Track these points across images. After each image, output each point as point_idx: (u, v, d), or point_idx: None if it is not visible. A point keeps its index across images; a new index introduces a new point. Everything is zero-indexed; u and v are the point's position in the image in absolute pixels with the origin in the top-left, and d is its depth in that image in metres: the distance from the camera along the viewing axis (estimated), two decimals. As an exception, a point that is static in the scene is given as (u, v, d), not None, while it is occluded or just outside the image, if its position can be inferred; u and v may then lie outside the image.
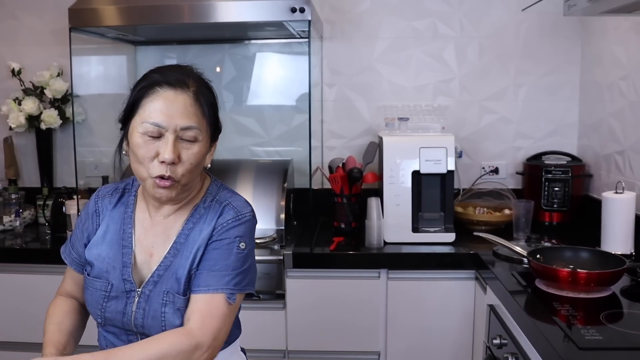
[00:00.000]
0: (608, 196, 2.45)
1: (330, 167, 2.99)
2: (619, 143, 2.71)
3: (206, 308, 1.37)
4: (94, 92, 3.25)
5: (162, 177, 1.35)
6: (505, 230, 2.81)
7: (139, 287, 1.43)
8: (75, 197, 2.71)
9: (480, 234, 2.55)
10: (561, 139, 3.19)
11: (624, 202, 2.41)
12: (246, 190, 2.75)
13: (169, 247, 1.45)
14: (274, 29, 2.87)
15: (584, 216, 2.94)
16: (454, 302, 2.54)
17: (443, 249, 2.60)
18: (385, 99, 3.20)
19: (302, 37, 3.02)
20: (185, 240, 1.44)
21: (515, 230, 2.71)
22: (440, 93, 3.19)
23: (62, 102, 3.12)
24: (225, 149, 3.27)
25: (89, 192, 3.05)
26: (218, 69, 3.23)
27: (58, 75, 3.11)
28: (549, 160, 3.04)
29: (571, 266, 2.04)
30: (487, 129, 3.20)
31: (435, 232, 2.68)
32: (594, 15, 2.50)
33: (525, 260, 2.18)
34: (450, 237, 2.67)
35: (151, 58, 3.26)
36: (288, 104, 3.23)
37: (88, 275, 1.46)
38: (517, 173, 3.17)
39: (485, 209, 2.99)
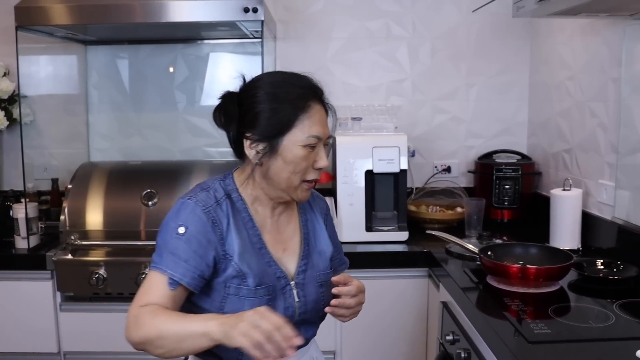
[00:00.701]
0: (556, 193, 2.50)
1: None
2: (567, 141, 2.77)
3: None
4: (42, 93, 3.18)
5: (313, 181, 1.49)
6: (458, 228, 2.84)
7: (292, 279, 1.51)
8: (23, 200, 2.65)
9: (433, 232, 2.58)
10: (511, 138, 3.25)
11: (571, 199, 2.47)
12: (200, 191, 2.73)
13: (300, 238, 1.57)
14: (227, 29, 2.86)
15: (534, 213, 3.00)
16: (407, 300, 2.56)
17: (396, 248, 2.62)
18: (339, 99, 3.19)
19: (255, 37, 3.01)
20: (308, 228, 1.60)
21: (468, 228, 2.75)
22: (393, 93, 3.21)
23: (8, 103, 3.04)
24: (179, 150, 3.24)
25: (37, 195, 2.99)
26: (171, 69, 3.20)
27: (4, 75, 3.03)
28: (499, 159, 3.09)
29: (521, 262, 2.08)
30: (439, 128, 3.24)
31: (388, 230, 2.70)
32: (542, 17, 2.56)
33: (477, 257, 2.21)
34: (404, 235, 2.69)
35: (102, 58, 3.21)
36: (242, 104, 3.21)
37: (247, 286, 1.43)
38: (469, 171, 3.21)
39: (437, 207, 3.02)
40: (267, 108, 1.42)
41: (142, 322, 1.31)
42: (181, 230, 1.38)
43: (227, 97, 1.49)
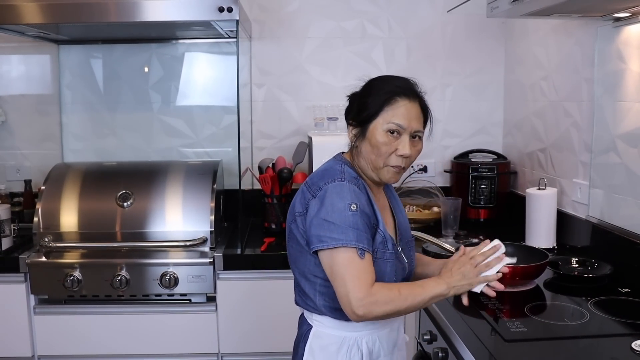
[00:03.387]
0: (531, 192, 2.52)
1: (260, 168, 2.98)
2: (541, 141, 2.79)
3: None
4: (14, 93, 3.14)
5: (397, 167, 1.64)
6: (434, 227, 2.86)
7: (397, 245, 1.72)
8: (-5, 201, 2.62)
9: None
10: (487, 138, 3.27)
11: (546, 197, 2.49)
12: (175, 192, 2.71)
13: (391, 213, 1.80)
14: (202, 29, 2.84)
15: (510, 212, 3.02)
16: (385, 300, 2.56)
17: (374, 247, 2.62)
18: (315, 99, 3.20)
19: (230, 37, 2.99)
20: (393, 204, 1.82)
21: (444, 227, 2.76)
22: (370, 93, 3.21)
23: (-20, 103, 3.01)
24: (154, 150, 3.21)
25: (10, 197, 2.95)
26: (146, 69, 3.17)
27: (-25, 75, 3.00)
28: (475, 158, 3.11)
29: (497, 261, 2.09)
30: (416, 128, 3.24)
31: (366, 230, 2.70)
32: (516, 18, 2.58)
33: (454, 256, 2.22)
34: (381, 235, 2.69)
35: (75, 57, 3.17)
36: (217, 105, 3.20)
37: (388, 250, 1.65)
38: (445, 171, 3.22)
39: (414, 207, 3.03)
40: (366, 99, 1.64)
41: (388, 299, 1.53)
42: (354, 207, 1.57)
43: (352, 95, 1.73)
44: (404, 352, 1.85)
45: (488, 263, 1.62)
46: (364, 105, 1.64)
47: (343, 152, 1.76)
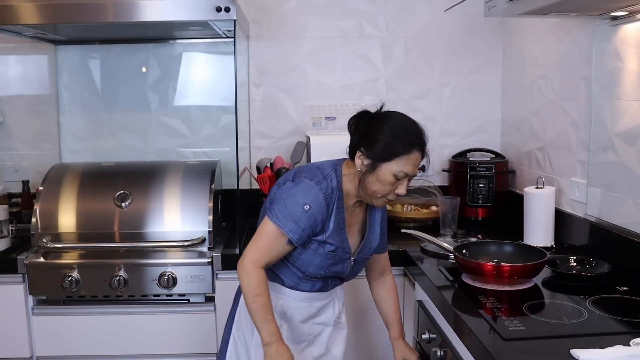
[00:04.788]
0: (529, 191, 2.52)
1: (258, 168, 2.98)
2: (539, 140, 2.80)
3: (387, 257, 2.21)
4: (12, 93, 3.14)
5: (391, 201, 1.91)
6: (433, 226, 2.86)
7: (353, 256, 2.00)
8: (-7, 202, 2.61)
9: (408, 231, 2.59)
10: (485, 137, 3.27)
11: (544, 196, 2.49)
12: (173, 192, 2.71)
13: (364, 228, 2.04)
14: (200, 29, 2.83)
15: (508, 211, 3.02)
16: (383, 299, 2.56)
17: (372, 247, 2.62)
18: (313, 99, 3.20)
19: (228, 37, 2.99)
20: (369, 222, 2.04)
21: (442, 226, 2.76)
22: (367, 92, 3.22)
23: (-23, 104, 3.00)
24: (152, 150, 3.21)
25: (8, 198, 2.94)
26: (144, 69, 3.17)
27: (-27, 75, 2.99)
28: (473, 157, 3.11)
29: (495, 260, 2.10)
30: (414, 127, 3.24)
31: (364, 230, 2.70)
32: (513, 17, 2.58)
33: (452, 255, 2.22)
34: (379, 234, 2.69)
35: (73, 58, 3.17)
36: (215, 105, 3.20)
37: (323, 250, 1.91)
38: (443, 170, 3.23)
39: (412, 206, 3.03)
40: (385, 140, 1.81)
41: (248, 286, 1.85)
42: (307, 207, 1.83)
43: (364, 114, 1.88)
44: (329, 330, 2.13)
45: None
46: (381, 146, 1.81)
47: (346, 159, 1.94)
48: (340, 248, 1.93)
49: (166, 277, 2.48)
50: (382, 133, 1.81)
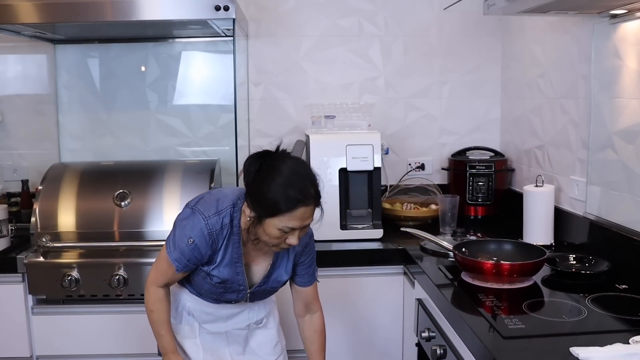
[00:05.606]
0: (529, 189, 2.53)
1: (258, 166, 2.97)
2: (539, 138, 2.80)
3: (315, 292, 2.08)
4: (11, 93, 3.13)
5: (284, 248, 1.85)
6: (432, 225, 2.86)
7: (250, 289, 1.95)
8: (-8, 201, 2.61)
9: (408, 230, 2.59)
10: (484, 135, 3.27)
11: (544, 195, 2.49)
12: (173, 191, 2.71)
13: (268, 263, 1.95)
14: (199, 27, 2.84)
15: (507, 209, 3.03)
16: (383, 298, 2.56)
17: (371, 245, 2.62)
18: (312, 97, 3.20)
19: (227, 36, 2.99)
20: (278, 256, 1.96)
21: (442, 224, 2.76)
22: (366, 91, 3.22)
23: (-24, 104, 3.00)
24: (151, 149, 3.21)
25: (7, 197, 2.94)
26: (143, 69, 3.17)
27: (-28, 75, 2.99)
28: (473, 156, 3.11)
29: (495, 258, 2.09)
30: (413, 126, 3.25)
31: (363, 228, 2.70)
32: (512, 15, 2.58)
33: (452, 254, 2.23)
34: (378, 233, 2.69)
35: (72, 57, 3.16)
36: (214, 103, 3.20)
37: (210, 281, 1.90)
38: (443, 169, 3.23)
39: (412, 204, 3.03)
40: (267, 196, 1.71)
41: (147, 304, 1.93)
42: (191, 241, 1.83)
43: (258, 158, 1.78)
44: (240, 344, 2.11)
45: None
46: (263, 202, 1.73)
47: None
48: (231, 280, 1.90)
49: (166, 276, 2.48)
50: (265, 187, 1.71)
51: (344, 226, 2.70)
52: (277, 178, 1.72)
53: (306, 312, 2.10)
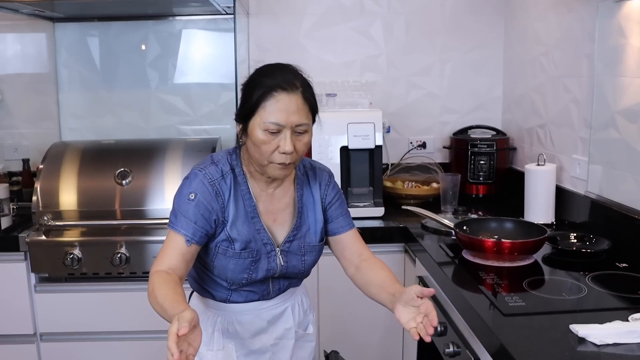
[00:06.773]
0: (530, 168, 2.52)
1: (259, 145, 2.97)
2: (541, 117, 2.79)
3: (359, 239, 1.84)
4: (10, 72, 3.12)
5: (282, 164, 1.61)
6: (433, 203, 2.86)
7: (278, 247, 1.72)
8: (-6, 180, 2.61)
9: (409, 208, 2.59)
10: (486, 114, 3.26)
11: (545, 173, 2.49)
12: (174, 170, 2.71)
13: (292, 211, 1.76)
14: (199, 5, 2.81)
15: (509, 188, 3.02)
16: (384, 276, 2.57)
17: (373, 223, 2.63)
18: (313, 75, 3.14)
19: (227, 13, 2.97)
20: (302, 202, 1.77)
21: (443, 203, 2.76)
22: (368, 69, 3.20)
23: (-24, 83, 2.99)
24: (152, 128, 3.21)
25: (8, 176, 2.94)
26: (143, 47, 3.15)
27: (-29, 53, 2.98)
28: (474, 134, 3.10)
29: (496, 236, 2.10)
30: (415, 104, 3.24)
31: (364, 206, 2.71)
32: (515, -9, 2.57)
33: (453, 232, 2.23)
34: (380, 211, 2.70)
35: (71, 35, 3.15)
36: (215, 82, 3.19)
37: (233, 249, 1.67)
38: (444, 147, 3.22)
39: (413, 183, 3.03)
40: (243, 95, 1.62)
41: (149, 288, 1.53)
42: (192, 196, 1.64)
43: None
44: (288, 343, 1.85)
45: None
46: (244, 100, 1.61)
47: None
48: (254, 241, 1.68)
49: (167, 255, 2.49)
50: (242, 90, 1.63)
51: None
52: (255, 74, 1.62)
53: (360, 260, 1.79)
